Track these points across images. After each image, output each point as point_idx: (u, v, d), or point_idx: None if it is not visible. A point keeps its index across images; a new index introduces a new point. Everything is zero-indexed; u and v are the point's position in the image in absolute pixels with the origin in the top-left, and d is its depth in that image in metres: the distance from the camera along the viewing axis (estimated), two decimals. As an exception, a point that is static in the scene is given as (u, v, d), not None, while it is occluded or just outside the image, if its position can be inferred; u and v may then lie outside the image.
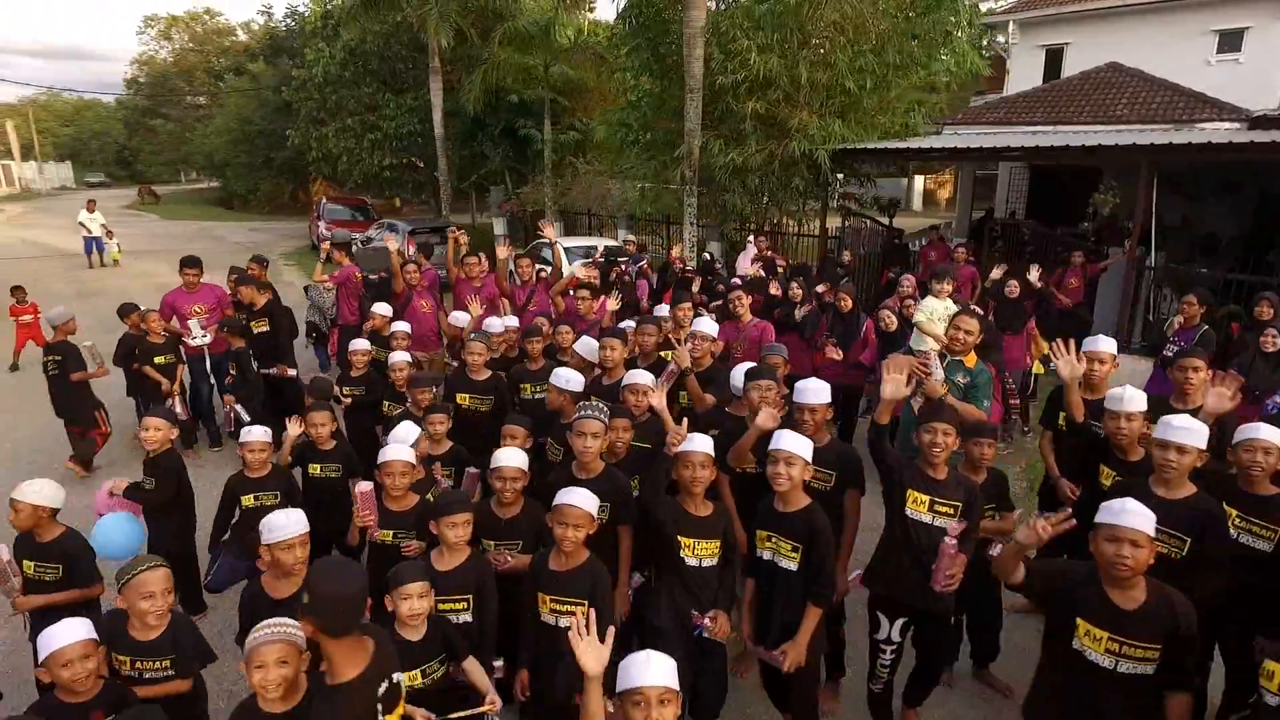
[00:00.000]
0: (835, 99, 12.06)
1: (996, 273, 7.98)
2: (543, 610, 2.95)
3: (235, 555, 4.17)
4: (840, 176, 13.82)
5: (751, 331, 5.91)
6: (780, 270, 8.37)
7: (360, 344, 5.76)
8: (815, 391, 3.44)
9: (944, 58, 12.63)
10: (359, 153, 22.70)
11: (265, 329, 6.96)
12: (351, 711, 2.12)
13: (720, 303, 7.25)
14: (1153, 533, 2.39)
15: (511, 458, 3.37)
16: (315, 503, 4.12)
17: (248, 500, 4.15)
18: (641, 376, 4.07)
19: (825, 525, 3.08)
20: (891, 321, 6.56)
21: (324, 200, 22.25)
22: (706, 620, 3.16)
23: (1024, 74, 18.27)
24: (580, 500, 2.91)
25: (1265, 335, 5.27)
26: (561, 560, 2.95)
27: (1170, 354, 6.11)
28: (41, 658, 2.52)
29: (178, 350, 6.71)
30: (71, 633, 2.53)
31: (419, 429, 4.06)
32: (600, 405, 3.64)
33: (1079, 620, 2.47)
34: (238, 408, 6.38)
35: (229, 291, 7.33)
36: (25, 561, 3.42)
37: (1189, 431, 2.97)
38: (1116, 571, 2.39)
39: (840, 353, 6.51)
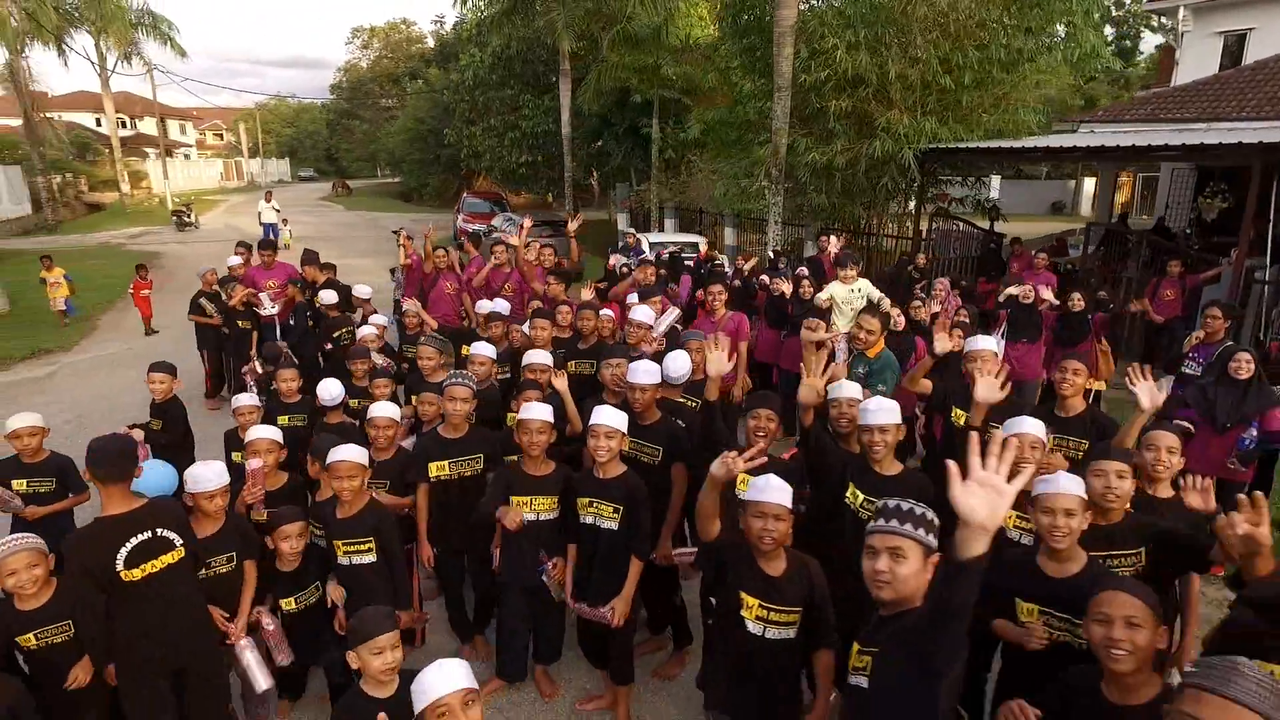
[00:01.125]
0: (930, 96, 11.53)
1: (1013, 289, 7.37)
2: (339, 555, 3.39)
3: None
4: (941, 178, 13.14)
5: (727, 325, 6.01)
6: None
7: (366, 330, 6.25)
8: (644, 373, 3.65)
9: (1061, 51, 11.62)
10: (500, 150, 24.40)
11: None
12: (105, 536, 2.82)
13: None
14: (790, 505, 2.52)
15: (384, 410, 3.96)
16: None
17: (236, 457, 4.29)
18: (538, 356, 4.45)
19: (642, 489, 3.36)
20: (900, 321, 6.36)
21: (465, 194, 24.17)
22: (550, 565, 3.51)
23: (1198, 64, 16.24)
24: (349, 454, 3.31)
25: (1235, 360, 4.47)
26: (345, 509, 3.39)
27: (1189, 370, 5.53)
28: None
29: (254, 316, 7.84)
30: None
31: (341, 387, 4.57)
32: (469, 375, 4.05)
33: (740, 593, 2.58)
34: (288, 351, 7.44)
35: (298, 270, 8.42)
36: (14, 481, 3.92)
37: (880, 412, 3.04)
38: (762, 544, 2.53)
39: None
